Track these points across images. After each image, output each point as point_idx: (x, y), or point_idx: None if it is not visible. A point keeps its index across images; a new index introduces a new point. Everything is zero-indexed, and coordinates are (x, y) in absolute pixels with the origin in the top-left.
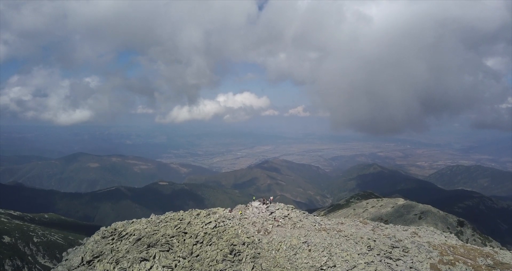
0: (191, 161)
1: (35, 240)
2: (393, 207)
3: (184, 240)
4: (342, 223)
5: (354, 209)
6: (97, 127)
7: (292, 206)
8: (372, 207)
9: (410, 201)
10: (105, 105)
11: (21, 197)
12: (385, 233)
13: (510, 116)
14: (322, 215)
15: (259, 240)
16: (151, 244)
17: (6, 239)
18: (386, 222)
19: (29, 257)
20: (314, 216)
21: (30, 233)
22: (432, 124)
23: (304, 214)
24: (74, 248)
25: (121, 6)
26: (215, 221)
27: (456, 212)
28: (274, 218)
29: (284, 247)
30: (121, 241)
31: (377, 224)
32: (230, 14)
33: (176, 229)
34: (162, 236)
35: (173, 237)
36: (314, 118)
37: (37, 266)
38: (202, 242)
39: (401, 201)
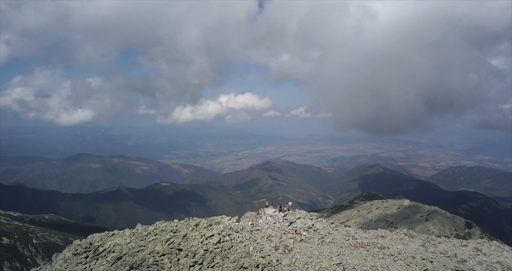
0: (192, 162)
1: (34, 241)
2: (399, 208)
3: (178, 259)
4: (382, 236)
5: (359, 210)
6: (98, 128)
7: (316, 214)
8: (376, 208)
9: (416, 202)
10: (106, 105)
11: (22, 198)
12: (440, 250)
13: None
14: (326, 216)
15: (277, 260)
16: (134, 265)
17: (5, 240)
18: (391, 224)
19: (28, 259)
20: (346, 226)
21: (30, 235)
22: (436, 125)
23: (333, 225)
24: (39, 268)
25: (122, 6)
26: (219, 234)
27: (460, 213)
28: (296, 231)
29: None
30: (97, 259)
31: (427, 238)
32: (230, 12)
33: (168, 244)
34: (149, 254)
35: (163, 255)
36: (316, 119)
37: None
38: (201, 263)
39: (406, 202)
